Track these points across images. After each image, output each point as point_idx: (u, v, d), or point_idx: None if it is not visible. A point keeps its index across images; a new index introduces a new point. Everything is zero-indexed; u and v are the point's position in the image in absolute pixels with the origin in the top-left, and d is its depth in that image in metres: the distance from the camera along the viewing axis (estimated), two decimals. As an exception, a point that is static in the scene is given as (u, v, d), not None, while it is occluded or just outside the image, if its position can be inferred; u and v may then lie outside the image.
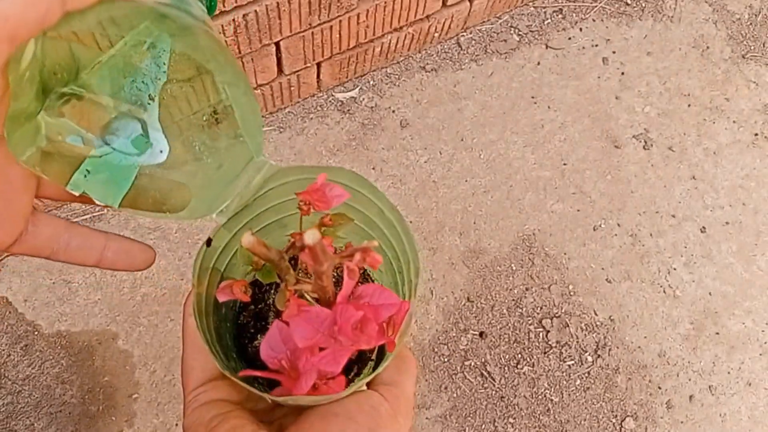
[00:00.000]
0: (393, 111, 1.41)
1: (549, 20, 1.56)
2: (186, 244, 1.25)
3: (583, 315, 1.30)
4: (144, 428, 1.13)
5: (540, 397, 1.23)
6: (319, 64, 1.28)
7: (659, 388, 1.27)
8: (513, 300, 1.29)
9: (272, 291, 0.42)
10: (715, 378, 1.29)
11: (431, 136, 1.40)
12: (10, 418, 1.11)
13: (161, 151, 0.30)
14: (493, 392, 1.22)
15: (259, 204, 0.37)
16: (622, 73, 1.53)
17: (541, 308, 1.29)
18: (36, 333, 1.16)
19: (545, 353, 1.26)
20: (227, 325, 0.41)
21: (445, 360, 1.23)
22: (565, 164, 1.42)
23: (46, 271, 1.19)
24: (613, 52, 1.55)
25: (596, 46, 1.55)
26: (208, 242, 0.35)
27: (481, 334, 1.26)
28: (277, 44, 1.14)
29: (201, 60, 0.28)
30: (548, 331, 1.27)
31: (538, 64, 1.51)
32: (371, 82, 1.43)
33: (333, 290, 0.30)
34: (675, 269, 1.36)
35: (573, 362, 1.26)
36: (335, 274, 0.44)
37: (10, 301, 1.17)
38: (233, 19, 1.00)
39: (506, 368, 1.24)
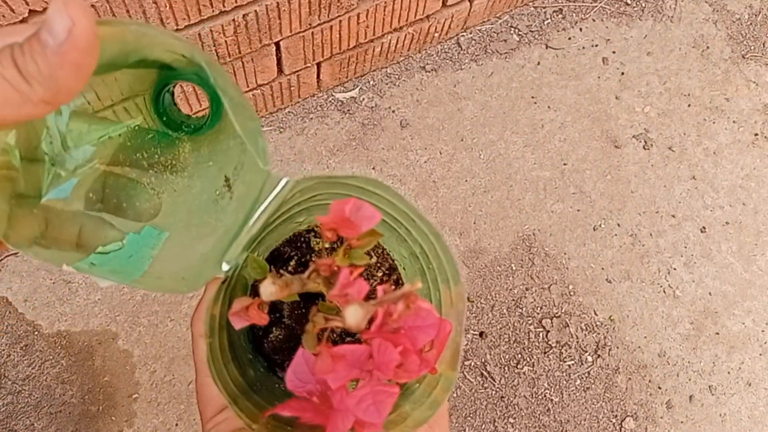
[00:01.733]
0: (393, 111, 1.41)
1: (549, 20, 1.56)
2: (186, 244, 1.25)
3: (583, 315, 1.30)
4: (144, 428, 1.13)
5: (540, 397, 1.23)
6: (319, 64, 1.28)
7: (659, 388, 1.27)
8: (513, 300, 1.29)
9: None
10: (715, 378, 1.29)
11: (431, 136, 1.40)
12: (10, 418, 1.10)
13: (171, 240, 0.29)
14: (493, 392, 1.22)
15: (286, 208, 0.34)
16: (622, 73, 1.53)
17: (541, 308, 1.29)
18: (36, 333, 1.16)
19: (545, 353, 1.26)
20: None
21: (445, 360, 1.23)
22: (565, 164, 1.42)
23: (46, 271, 1.19)
24: (613, 52, 1.55)
25: (596, 46, 1.55)
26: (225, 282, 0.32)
27: (481, 334, 1.26)
28: (277, 44, 1.14)
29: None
30: (548, 331, 1.27)
31: (538, 64, 1.51)
32: (371, 82, 1.43)
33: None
34: (675, 269, 1.36)
35: (573, 362, 1.26)
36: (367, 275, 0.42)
37: (10, 301, 1.17)
38: (233, 19, 1.00)
39: (506, 368, 1.24)
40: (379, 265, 0.42)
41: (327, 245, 0.42)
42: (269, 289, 0.24)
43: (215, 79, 0.25)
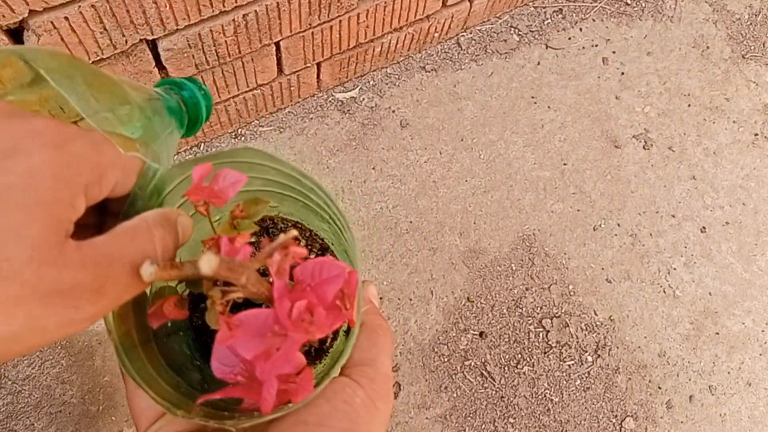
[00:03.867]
0: (393, 111, 1.41)
1: (549, 20, 1.56)
2: (186, 244, 1.25)
3: (583, 315, 1.30)
4: (144, 428, 1.13)
5: (540, 397, 1.23)
6: (319, 64, 1.28)
7: (659, 388, 1.27)
8: (513, 300, 1.29)
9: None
10: (715, 378, 1.29)
11: (431, 136, 1.40)
12: (10, 418, 1.11)
13: None
14: (493, 392, 1.22)
15: (168, 203, 0.34)
16: (622, 73, 1.53)
17: (541, 308, 1.29)
18: (36, 333, 1.16)
19: (545, 353, 1.26)
20: (180, 334, 0.38)
21: (445, 360, 1.23)
22: (565, 164, 1.42)
23: (46, 271, 1.19)
24: (613, 52, 1.55)
25: (596, 46, 1.55)
26: None
27: (481, 334, 1.26)
28: (277, 44, 1.14)
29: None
30: (548, 331, 1.27)
31: (538, 64, 1.51)
32: (371, 82, 1.43)
33: (268, 286, 0.26)
34: (675, 269, 1.36)
35: (573, 362, 1.26)
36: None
37: (10, 301, 1.17)
38: (233, 19, 1.00)
39: (506, 368, 1.24)
40: (309, 247, 0.42)
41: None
42: (148, 270, 0.23)
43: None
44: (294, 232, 0.24)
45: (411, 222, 1.32)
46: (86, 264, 0.19)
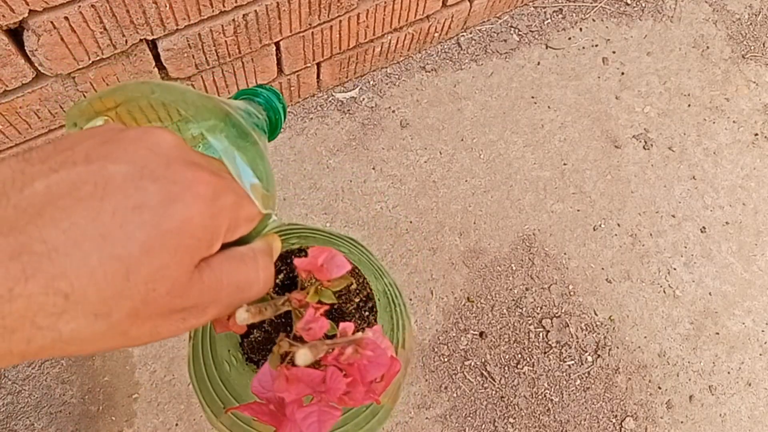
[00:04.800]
0: (393, 111, 1.41)
1: (549, 20, 1.56)
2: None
3: (583, 315, 1.30)
4: (144, 428, 1.13)
5: (540, 397, 1.23)
6: (319, 64, 1.28)
7: (659, 388, 1.27)
8: (513, 300, 1.29)
9: None
10: (715, 378, 1.29)
11: (431, 136, 1.40)
12: (10, 418, 1.10)
13: None
14: (493, 392, 1.22)
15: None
16: (622, 73, 1.53)
17: (541, 308, 1.29)
18: (36, 333, 1.16)
19: (545, 353, 1.26)
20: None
21: (445, 360, 1.23)
22: (565, 164, 1.42)
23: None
24: (613, 52, 1.55)
25: (596, 46, 1.55)
26: None
27: (481, 334, 1.26)
28: (277, 44, 1.14)
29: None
30: (548, 331, 1.27)
31: (538, 64, 1.51)
32: (371, 82, 1.43)
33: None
34: (675, 269, 1.36)
35: (573, 362, 1.26)
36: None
37: (10, 301, 1.17)
38: (233, 19, 1.00)
39: (506, 368, 1.24)
40: (358, 290, 0.47)
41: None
42: (242, 316, 0.27)
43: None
44: (369, 333, 0.29)
45: (411, 222, 1.32)
46: (203, 291, 0.23)
